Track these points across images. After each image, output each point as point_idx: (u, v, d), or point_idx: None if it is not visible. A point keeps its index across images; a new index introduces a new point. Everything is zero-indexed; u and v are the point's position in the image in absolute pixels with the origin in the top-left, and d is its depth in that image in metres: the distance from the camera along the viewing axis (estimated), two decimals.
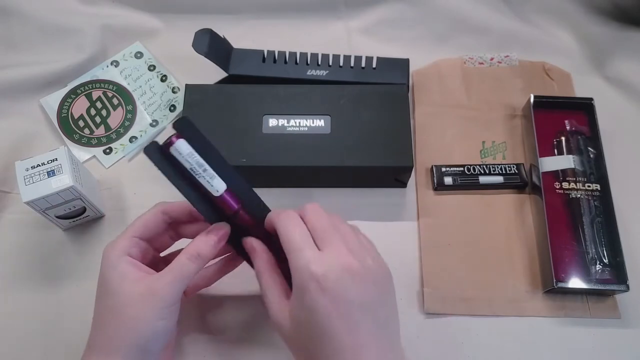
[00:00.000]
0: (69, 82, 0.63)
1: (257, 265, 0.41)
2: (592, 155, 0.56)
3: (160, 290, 0.38)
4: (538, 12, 0.69)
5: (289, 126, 0.55)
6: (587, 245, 0.52)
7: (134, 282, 0.39)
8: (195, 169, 0.39)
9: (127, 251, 0.40)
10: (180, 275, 0.39)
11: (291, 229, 0.38)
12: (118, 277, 0.39)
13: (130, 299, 0.38)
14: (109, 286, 0.39)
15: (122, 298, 0.38)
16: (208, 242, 0.40)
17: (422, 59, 0.64)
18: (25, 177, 0.48)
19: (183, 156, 0.39)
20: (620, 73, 0.64)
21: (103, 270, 0.40)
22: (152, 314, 0.38)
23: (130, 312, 0.38)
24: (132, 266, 0.40)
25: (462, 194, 0.56)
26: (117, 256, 0.40)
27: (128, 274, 0.39)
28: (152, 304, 0.38)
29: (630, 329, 0.50)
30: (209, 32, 0.58)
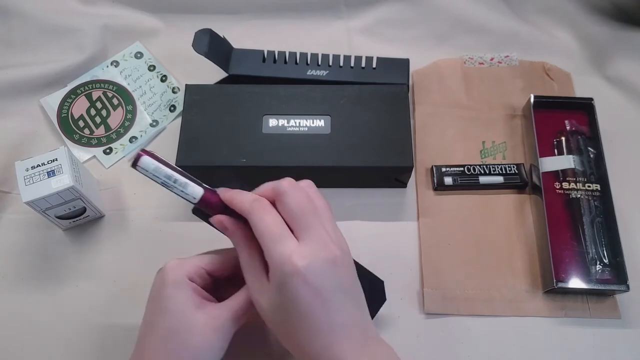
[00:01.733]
0: (69, 82, 0.63)
1: (235, 243, 0.40)
2: (592, 155, 0.56)
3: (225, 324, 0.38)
4: (538, 12, 0.69)
5: (289, 126, 0.55)
6: (587, 245, 0.52)
7: (198, 309, 0.38)
8: (166, 182, 0.39)
9: (191, 277, 0.39)
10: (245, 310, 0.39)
11: (267, 218, 0.37)
12: (183, 299, 0.38)
13: (194, 325, 0.37)
14: (171, 305, 0.38)
15: (186, 323, 0.37)
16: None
17: (422, 59, 0.64)
18: (25, 177, 0.48)
19: (150, 172, 0.38)
20: (620, 73, 0.64)
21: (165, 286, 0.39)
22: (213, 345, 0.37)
23: (191, 339, 0.37)
24: (196, 292, 0.39)
25: (462, 194, 0.56)
26: (182, 277, 0.39)
27: (193, 298, 0.38)
28: (215, 337, 0.37)
29: (630, 329, 0.50)
30: (209, 32, 0.58)
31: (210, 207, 0.40)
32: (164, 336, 0.38)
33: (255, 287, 0.38)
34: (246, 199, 0.39)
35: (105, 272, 0.52)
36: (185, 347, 0.37)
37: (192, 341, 0.37)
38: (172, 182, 0.39)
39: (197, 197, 0.39)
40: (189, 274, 0.39)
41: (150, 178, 0.38)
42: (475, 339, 0.49)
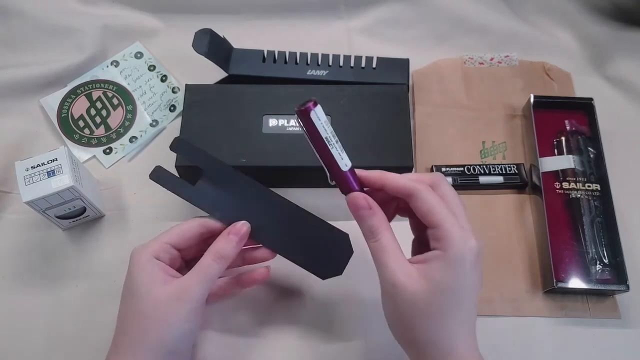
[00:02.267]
0: (69, 82, 0.63)
1: (372, 224, 0.38)
2: (592, 155, 0.56)
3: (188, 292, 0.39)
4: (538, 12, 0.69)
5: (289, 126, 0.55)
6: (587, 245, 0.52)
7: (163, 285, 0.39)
8: (330, 138, 0.37)
9: (157, 255, 0.41)
10: (206, 275, 0.40)
11: (432, 196, 0.37)
12: (147, 279, 0.39)
13: (159, 302, 0.38)
14: (136, 288, 0.39)
15: (151, 300, 0.39)
16: (229, 242, 0.41)
17: (422, 59, 0.64)
18: (25, 177, 0.48)
19: (321, 122, 0.37)
20: (620, 73, 0.64)
21: (131, 271, 0.40)
22: (181, 316, 0.38)
23: (159, 315, 0.38)
24: (160, 269, 0.40)
25: (462, 194, 0.56)
26: (147, 259, 0.40)
27: (157, 276, 0.39)
28: (181, 306, 0.38)
29: (630, 329, 0.50)
30: (209, 32, 0.58)
31: (348, 182, 0.39)
32: (131, 318, 0.39)
33: (402, 270, 0.37)
34: (405, 178, 0.39)
35: (105, 272, 0.52)
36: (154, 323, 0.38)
37: (159, 316, 0.38)
38: (335, 141, 0.38)
39: (348, 165, 0.39)
40: (154, 252, 0.41)
41: (310, 131, 0.37)
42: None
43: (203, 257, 0.41)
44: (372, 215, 0.39)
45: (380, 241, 0.38)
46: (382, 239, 0.38)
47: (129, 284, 0.40)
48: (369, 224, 0.39)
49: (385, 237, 0.38)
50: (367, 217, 0.39)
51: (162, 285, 0.39)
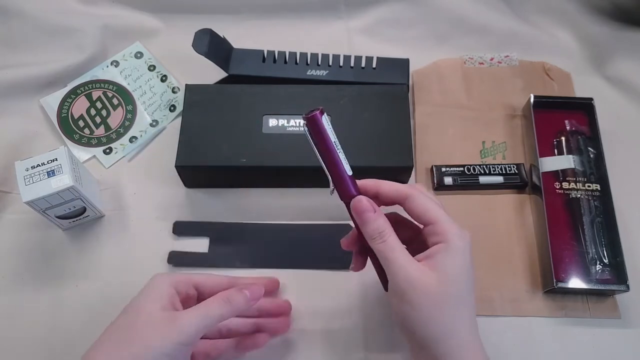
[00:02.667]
0: (69, 82, 0.63)
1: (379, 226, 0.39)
2: (592, 155, 0.56)
3: (181, 322, 0.38)
4: (538, 12, 0.69)
5: (289, 126, 0.55)
6: (587, 245, 0.52)
7: (163, 309, 0.39)
8: (337, 143, 0.39)
9: (176, 285, 0.41)
10: (207, 314, 0.39)
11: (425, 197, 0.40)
12: (153, 298, 0.40)
13: (151, 321, 0.38)
14: (140, 301, 0.40)
15: (145, 316, 0.39)
16: (241, 294, 0.41)
17: (422, 59, 0.64)
18: (25, 177, 0.48)
19: (330, 127, 0.39)
20: (620, 73, 0.64)
21: (144, 288, 0.41)
22: (165, 342, 0.37)
23: (145, 333, 0.38)
24: (169, 296, 0.40)
25: (462, 194, 0.56)
26: (164, 283, 0.41)
27: (163, 300, 0.40)
28: (169, 333, 0.38)
29: (630, 329, 0.50)
30: (209, 32, 0.58)
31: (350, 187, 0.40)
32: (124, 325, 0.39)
33: (414, 267, 0.38)
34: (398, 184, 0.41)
35: (105, 272, 0.52)
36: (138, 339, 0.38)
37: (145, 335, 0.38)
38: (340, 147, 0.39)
39: (350, 171, 0.40)
40: (174, 281, 0.41)
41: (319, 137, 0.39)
42: None
43: (209, 298, 0.40)
44: (377, 217, 0.40)
45: (388, 241, 0.39)
46: (389, 239, 0.39)
47: (135, 297, 0.41)
48: (375, 226, 0.39)
49: (392, 237, 0.39)
50: (373, 220, 0.39)
51: (162, 310, 0.39)
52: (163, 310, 0.39)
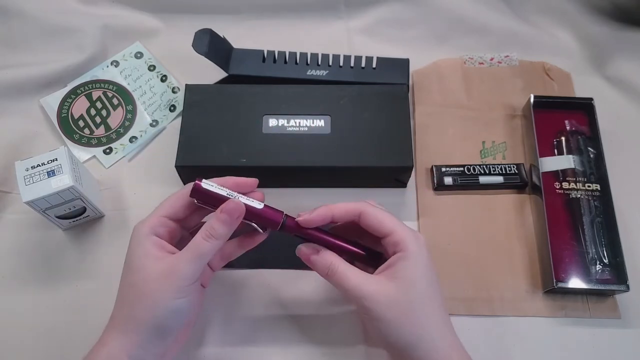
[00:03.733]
0: (69, 82, 0.63)
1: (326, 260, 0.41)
2: (592, 155, 0.56)
3: (178, 268, 0.39)
4: (538, 12, 0.69)
5: (289, 126, 0.55)
6: (587, 245, 0.52)
7: (156, 261, 0.39)
8: (231, 193, 0.42)
9: (155, 230, 0.41)
10: (196, 254, 0.40)
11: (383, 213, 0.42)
12: (142, 255, 0.40)
13: (150, 277, 0.39)
14: (132, 263, 0.40)
15: (143, 275, 0.39)
16: (221, 222, 0.40)
17: (422, 59, 0.64)
18: (25, 177, 0.48)
19: (214, 187, 0.41)
20: (620, 73, 0.64)
21: (130, 246, 0.41)
22: (170, 291, 0.38)
23: (150, 290, 0.39)
24: (156, 245, 0.40)
25: (462, 194, 0.56)
26: (145, 234, 0.41)
27: (151, 252, 0.40)
28: (170, 281, 0.39)
29: (630, 329, 0.50)
30: (209, 32, 0.58)
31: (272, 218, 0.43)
32: (125, 292, 0.40)
33: (371, 282, 0.40)
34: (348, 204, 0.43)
35: (105, 272, 0.52)
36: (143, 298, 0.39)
37: (148, 292, 0.39)
38: (234, 194, 0.42)
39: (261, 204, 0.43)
40: (152, 227, 0.41)
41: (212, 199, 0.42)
42: (475, 339, 0.49)
43: (196, 234, 0.41)
44: (322, 255, 0.42)
45: (337, 271, 0.41)
46: (338, 269, 0.41)
47: (127, 259, 0.41)
48: (322, 264, 0.42)
49: (340, 266, 0.41)
50: (318, 259, 0.42)
51: (155, 262, 0.39)
52: (156, 262, 0.39)
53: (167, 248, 0.41)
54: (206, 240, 0.40)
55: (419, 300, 0.39)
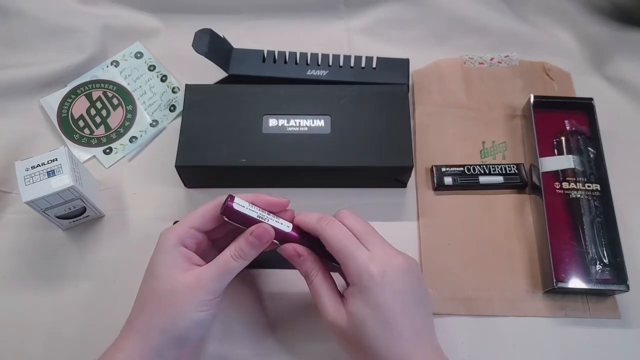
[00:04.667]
0: (69, 82, 0.63)
1: (305, 269, 0.42)
2: (592, 155, 0.56)
3: (205, 283, 0.39)
4: (538, 12, 0.69)
5: (289, 126, 0.55)
6: (587, 245, 0.52)
7: (183, 272, 0.40)
8: (262, 215, 0.42)
9: (183, 241, 0.41)
10: (224, 271, 0.40)
11: (339, 234, 0.41)
12: (169, 265, 0.40)
13: (176, 289, 0.39)
14: (158, 271, 0.40)
15: (169, 286, 0.39)
16: (250, 244, 0.41)
17: (422, 59, 0.64)
18: (25, 177, 0.48)
19: (246, 207, 0.42)
20: (620, 73, 0.64)
21: (155, 253, 0.41)
22: (195, 304, 0.39)
23: (174, 302, 0.39)
24: (183, 256, 0.41)
25: (462, 194, 0.56)
26: (173, 244, 0.41)
27: (179, 263, 0.40)
28: (196, 295, 0.39)
29: (630, 329, 0.50)
30: (209, 32, 0.58)
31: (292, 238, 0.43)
32: (148, 299, 0.40)
33: (332, 309, 0.40)
34: (312, 217, 0.42)
35: (105, 272, 0.52)
36: (168, 309, 0.39)
37: (174, 303, 0.39)
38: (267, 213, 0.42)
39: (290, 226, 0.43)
40: (180, 237, 0.41)
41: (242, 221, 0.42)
42: (475, 339, 0.49)
43: (224, 251, 0.41)
44: (303, 261, 0.42)
45: (313, 283, 0.42)
46: (314, 281, 0.42)
47: (152, 266, 0.41)
48: (303, 270, 0.42)
49: (317, 279, 0.42)
50: (300, 264, 0.42)
51: (182, 273, 0.40)
52: (183, 273, 0.40)
53: (194, 260, 0.41)
54: (235, 260, 0.40)
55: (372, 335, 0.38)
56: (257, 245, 0.41)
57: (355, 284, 0.39)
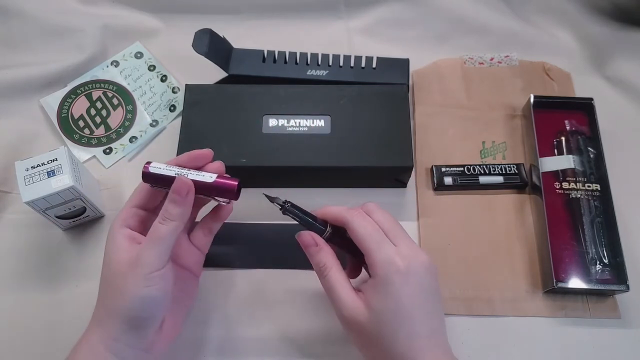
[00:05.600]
0: (69, 82, 0.63)
1: (321, 260, 0.41)
2: (592, 155, 0.56)
3: (141, 258, 0.38)
4: (538, 12, 0.69)
5: (289, 126, 0.55)
6: (587, 245, 0.52)
7: (124, 252, 0.39)
8: (180, 172, 0.41)
9: (127, 222, 0.41)
10: (157, 239, 0.39)
11: (367, 225, 0.40)
12: (113, 249, 0.40)
13: (117, 270, 0.39)
14: (105, 257, 0.41)
15: (113, 268, 0.39)
16: (174, 202, 0.40)
17: (422, 59, 0.64)
18: (25, 177, 0.48)
19: (163, 168, 0.41)
20: (620, 73, 0.64)
21: (106, 241, 0.41)
22: (138, 281, 0.38)
23: (116, 283, 0.39)
24: (126, 238, 0.40)
25: (462, 194, 0.56)
26: (117, 228, 0.41)
27: (121, 245, 0.40)
28: (136, 271, 0.38)
29: (630, 329, 0.50)
30: (209, 32, 0.58)
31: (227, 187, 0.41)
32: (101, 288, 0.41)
33: (349, 301, 0.39)
34: (341, 208, 0.42)
35: None
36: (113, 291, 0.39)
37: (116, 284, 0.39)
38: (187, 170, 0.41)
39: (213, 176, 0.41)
40: (124, 219, 0.41)
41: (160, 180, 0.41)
42: (475, 339, 0.49)
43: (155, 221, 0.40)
44: (318, 251, 0.41)
45: (329, 277, 0.40)
46: (330, 275, 0.40)
47: (104, 253, 0.41)
48: (316, 261, 0.41)
49: (332, 272, 0.40)
50: (314, 254, 0.41)
51: (123, 253, 0.39)
52: (124, 253, 0.39)
53: (137, 239, 0.41)
54: (162, 224, 0.39)
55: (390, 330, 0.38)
56: (179, 201, 0.39)
57: (379, 275, 0.38)
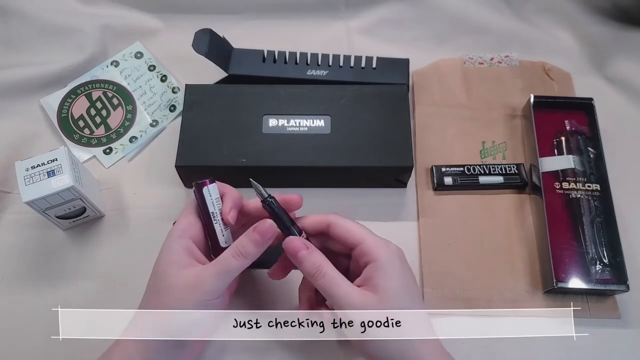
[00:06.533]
0: (69, 82, 0.63)
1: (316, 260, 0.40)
2: (592, 155, 0.56)
3: (204, 282, 0.39)
4: (538, 12, 0.69)
5: (289, 126, 0.55)
6: (587, 245, 0.52)
7: (182, 270, 0.39)
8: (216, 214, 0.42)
9: (185, 232, 0.41)
10: (224, 271, 0.39)
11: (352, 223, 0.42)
12: (171, 259, 0.40)
13: (174, 286, 0.39)
14: (159, 268, 0.40)
15: (167, 282, 0.39)
16: (252, 241, 0.40)
17: (422, 59, 0.64)
18: (25, 177, 0.48)
19: (212, 199, 0.42)
20: (620, 73, 0.64)
21: (161, 249, 0.41)
22: (193, 304, 0.38)
23: (171, 299, 0.39)
24: (185, 251, 0.40)
25: (462, 194, 0.56)
26: (176, 237, 0.41)
27: (180, 258, 0.40)
28: (194, 294, 0.38)
29: (630, 329, 0.50)
30: (209, 32, 0.58)
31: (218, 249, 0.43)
32: (147, 296, 0.41)
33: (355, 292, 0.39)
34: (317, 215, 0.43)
35: (105, 272, 0.52)
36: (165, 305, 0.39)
37: (171, 300, 0.39)
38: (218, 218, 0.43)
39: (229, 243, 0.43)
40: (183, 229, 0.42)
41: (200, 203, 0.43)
42: (475, 339, 0.49)
43: (226, 250, 0.40)
44: (311, 252, 0.41)
45: (327, 275, 0.40)
46: (328, 272, 0.40)
47: (156, 263, 0.41)
48: (311, 262, 0.40)
49: (329, 270, 0.40)
50: (307, 256, 0.40)
51: (182, 270, 0.39)
52: (183, 270, 0.39)
53: (195, 254, 0.41)
54: (235, 258, 0.40)
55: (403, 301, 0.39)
56: (260, 243, 0.40)
57: (381, 257, 0.39)
